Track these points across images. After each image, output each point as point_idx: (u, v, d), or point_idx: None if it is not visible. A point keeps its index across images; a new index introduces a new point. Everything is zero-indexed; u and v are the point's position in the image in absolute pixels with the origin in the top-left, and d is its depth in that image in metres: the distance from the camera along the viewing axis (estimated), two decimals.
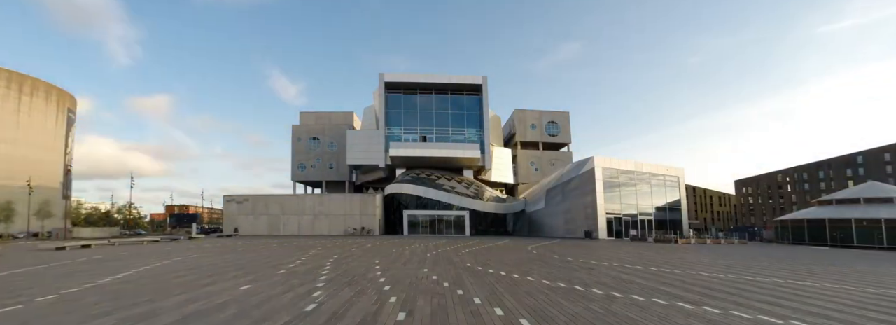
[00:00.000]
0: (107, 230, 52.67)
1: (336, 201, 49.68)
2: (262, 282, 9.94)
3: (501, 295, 8.26)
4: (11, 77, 58.13)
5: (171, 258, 16.80)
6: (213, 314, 6.39)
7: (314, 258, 16.53)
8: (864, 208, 32.72)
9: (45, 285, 9.65)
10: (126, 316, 6.29)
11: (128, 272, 12.02)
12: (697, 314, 6.66)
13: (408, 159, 52.95)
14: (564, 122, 65.34)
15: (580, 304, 7.39)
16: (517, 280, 10.46)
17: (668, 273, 12.37)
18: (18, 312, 6.66)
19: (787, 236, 36.78)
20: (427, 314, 6.43)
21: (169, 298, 7.85)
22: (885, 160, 64.12)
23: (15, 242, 36.59)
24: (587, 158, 41.99)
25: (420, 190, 47.64)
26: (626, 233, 40.26)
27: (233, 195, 50.08)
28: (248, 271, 12.38)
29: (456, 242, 30.81)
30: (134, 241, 31.55)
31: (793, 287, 9.83)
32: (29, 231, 45.90)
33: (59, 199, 61.03)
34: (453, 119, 55.79)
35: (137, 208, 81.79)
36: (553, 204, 45.93)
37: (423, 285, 9.59)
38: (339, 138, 61.02)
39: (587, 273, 12.09)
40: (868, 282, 11.04)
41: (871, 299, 8.36)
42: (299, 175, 62.55)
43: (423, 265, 13.97)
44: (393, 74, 54.70)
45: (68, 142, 66.60)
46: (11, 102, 57.47)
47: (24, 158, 56.32)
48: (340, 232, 47.61)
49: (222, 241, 33.21)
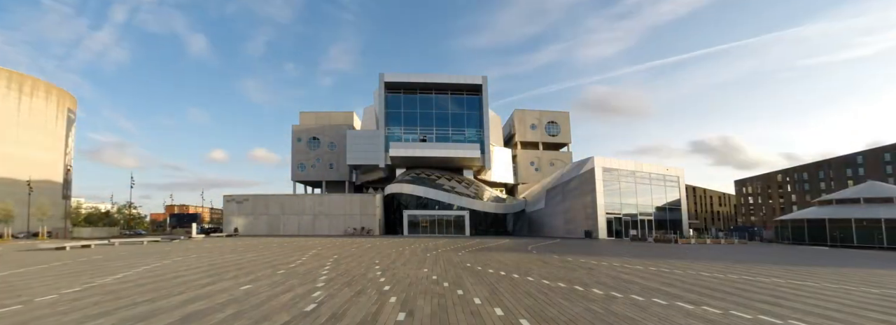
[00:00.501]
0: (107, 230, 52.65)
1: (336, 201, 49.68)
2: (262, 282, 9.94)
3: (501, 295, 8.26)
4: (11, 77, 58.12)
5: (171, 258, 16.80)
6: (213, 314, 6.39)
7: (314, 258, 16.53)
8: (864, 208, 32.72)
9: (45, 285, 9.65)
10: (126, 316, 6.29)
11: (128, 272, 12.01)
12: (697, 314, 6.67)
13: (408, 159, 52.95)
14: (564, 122, 65.35)
15: (580, 304, 7.39)
16: (517, 280, 10.46)
17: (668, 273, 12.37)
18: (18, 312, 6.66)
19: (787, 236, 36.78)
20: (427, 315, 6.44)
21: (169, 298, 7.85)
22: (885, 160, 64.11)
23: (15, 242, 36.59)
24: (587, 158, 42.02)
25: (420, 190, 47.64)
26: (626, 233, 40.27)
27: (233, 195, 50.09)
28: (248, 271, 12.38)
29: (456, 242, 30.81)
30: (134, 241, 31.54)
31: (793, 287, 9.83)
32: (29, 231, 45.89)
33: (59, 199, 61.05)
34: (453, 119, 55.81)
35: (137, 207, 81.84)
36: (553, 204, 45.92)
37: (423, 285, 9.59)
38: (339, 138, 61.02)
39: (587, 273, 12.09)
40: (868, 282, 11.04)
41: (871, 299, 8.37)
42: (299, 175, 62.55)
43: (423, 265, 13.97)
44: (393, 74, 54.71)
45: (68, 142, 66.61)
46: (11, 102, 57.46)
47: (24, 158, 56.30)
48: (340, 232, 47.60)
49: (222, 241, 33.20)
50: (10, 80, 57.89)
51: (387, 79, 54.18)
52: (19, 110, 58.25)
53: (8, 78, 57.75)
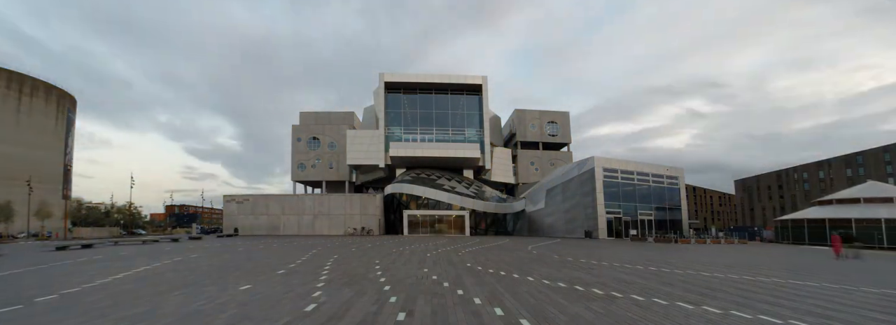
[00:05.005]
0: (107, 230, 52.65)
1: (336, 201, 49.64)
2: (262, 282, 9.94)
3: (501, 295, 8.26)
4: (11, 77, 58.16)
5: (171, 258, 16.80)
6: (213, 314, 6.39)
7: (314, 258, 16.52)
8: (864, 208, 32.70)
9: (45, 285, 9.65)
10: (126, 316, 6.29)
11: (128, 272, 12.01)
12: (697, 314, 6.66)
13: (408, 159, 52.92)
14: (564, 122, 65.33)
15: (580, 304, 7.39)
16: (517, 280, 10.46)
17: (668, 273, 12.36)
18: (18, 312, 6.66)
19: (788, 236, 36.77)
20: (427, 314, 6.43)
21: (169, 298, 7.85)
22: (885, 160, 64.07)
23: (15, 242, 36.58)
24: (587, 158, 42.00)
25: (420, 190, 47.62)
26: (626, 233, 40.25)
27: (233, 195, 50.08)
28: (248, 271, 12.38)
29: (456, 242, 30.79)
30: (134, 241, 31.54)
31: (793, 287, 9.83)
32: (29, 231, 45.90)
33: (59, 199, 61.08)
34: (453, 119, 55.81)
35: (138, 207, 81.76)
36: (553, 204, 45.90)
37: (423, 285, 9.58)
38: (339, 138, 60.99)
39: (587, 273, 12.09)
40: (868, 282, 11.04)
41: (871, 299, 8.36)
42: (299, 175, 62.51)
43: (423, 265, 13.97)
44: (393, 74, 54.70)
45: (68, 142, 66.65)
46: (11, 102, 57.50)
47: (24, 158, 56.34)
48: (340, 232, 47.58)
49: (222, 241, 33.20)
50: (9, 80, 57.95)
51: (387, 79, 54.15)
52: (19, 110, 58.29)
53: (8, 78, 57.82)
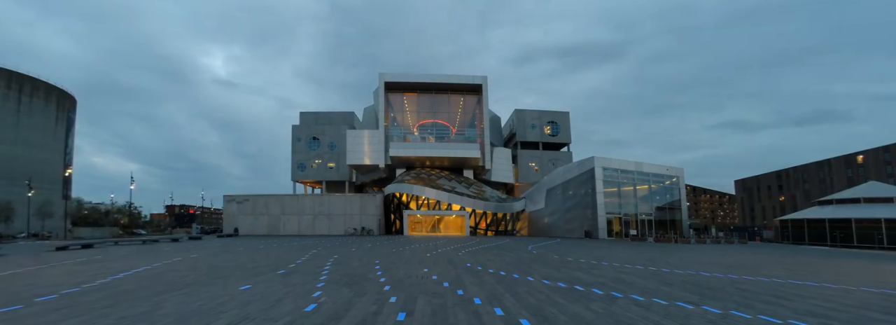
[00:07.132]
0: (107, 230, 52.61)
1: (336, 201, 49.65)
2: (263, 282, 9.94)
3: (501, 295, 8.26)
4: (11, 77, 58.14)
5: (171, 258, 16.79)
6: (213, 314, 6.39)
7: (314, 258, 16.52)
8: (864, 208, 32.70)
9: (45, 285, 9.64)
10: (126, 316, 6.30)
11: (128, 272, 12.01)
12: (697, 314, 6.66)
13: (408, 159, 52.92)
14: (564, 122, 65.29)
15: (580, 304, 7.39)
16: (517, 280, 10.46)
17: (668, 273, 12.36)
18: (18, 312, 6.66)
19: (788, 236, 36.78)
20: (427, 315, 6.43)
21: (169, 298, 7.85)
22: (885, 160, 64.03)
23: (15, 242, 36.57)
24: (587, 158, 41.99)
25: (420, 190, 47.61)
26: (627, 233, 40.25)
27: (233, 195, 50.04)
28: (248, 270, 12.38)
29: (456, 242, 30.79)
30: (134, 241, 31.53)
31: (793, 287, 9.82)
32: (29, 231, 45.87)
33: (59, 199, 61.03)
34: (453, 119, 55.80)
35: (138, 208, 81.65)
36: (553, 204, 45.89)
37: (423, 285, 9.58)
38: (339, 138, 60.96)
39: (587, 273, 12.09)
40: (868, 282, 11.04)
41: (871, 299, 8.36)
42: (299, 175, 62.49)
43: (423, 265, 13.96)
44: (393, 74, 54.67)
45: (68, 142, 66.65)
46: (11, 102, 57.48)
47: (24, 158, 56.32)
48: (340, 232, 47.57)
49: (222, 241, 33.20)
50: (9, 80, 57.93)
51: (387, 79, 54.12)
52: (19, 110, 58.28)
53: (8, 78, 57.80)
